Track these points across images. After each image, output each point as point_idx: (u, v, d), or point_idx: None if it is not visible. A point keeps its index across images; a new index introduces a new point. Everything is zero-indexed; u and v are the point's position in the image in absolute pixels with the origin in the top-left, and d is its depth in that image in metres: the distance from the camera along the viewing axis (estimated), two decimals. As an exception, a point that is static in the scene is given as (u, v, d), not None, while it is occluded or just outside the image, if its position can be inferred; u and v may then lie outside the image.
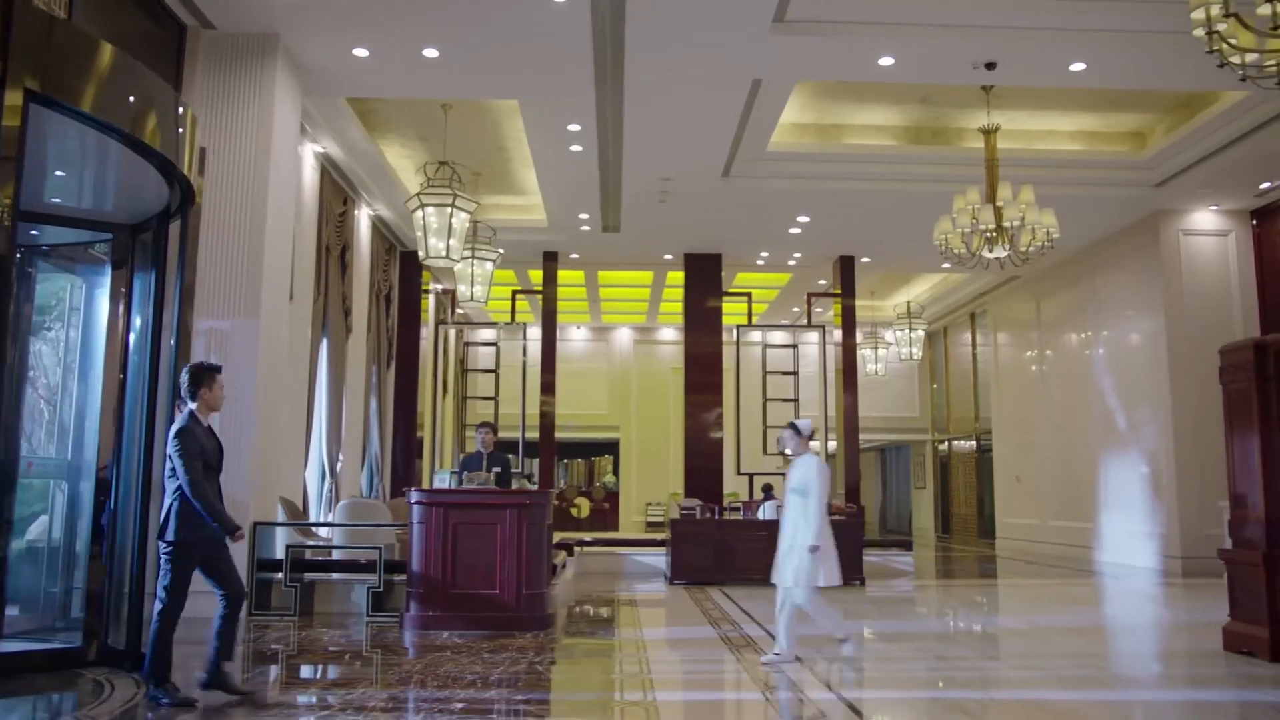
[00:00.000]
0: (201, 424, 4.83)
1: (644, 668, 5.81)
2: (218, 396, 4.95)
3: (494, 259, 12.42)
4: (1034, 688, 5.47)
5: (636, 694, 5.01)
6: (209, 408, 4.90)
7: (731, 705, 5.06)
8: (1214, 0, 5.26)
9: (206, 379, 4.89)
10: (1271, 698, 5.17)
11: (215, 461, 4.88)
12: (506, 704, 4.69)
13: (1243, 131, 10.39)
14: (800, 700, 4.90)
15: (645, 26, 8.09)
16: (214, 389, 4.91)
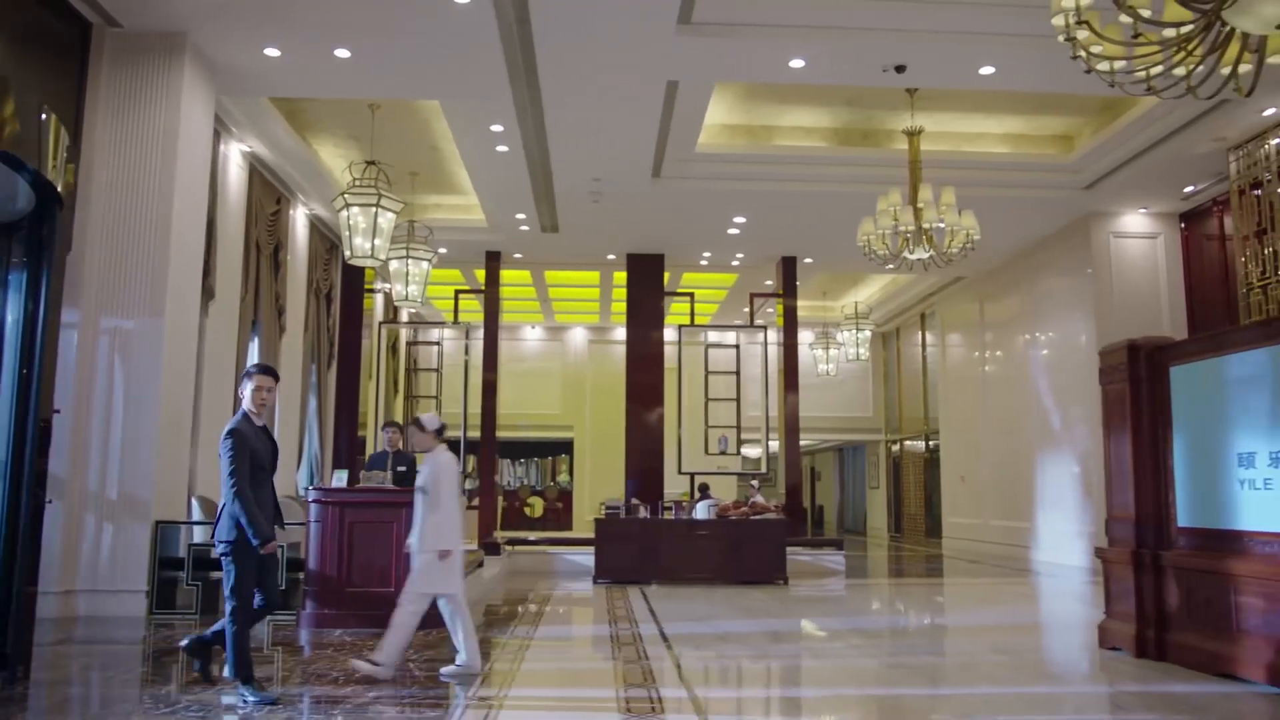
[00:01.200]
0: (254, 424, 4.77)
1: (516, 665, 5.85)
2: (255, 397, 4.83)
3: (430, 258, 12.44)
4: (884, 685, 5.56)
5: (492, 690, 5.06)
6: (256, 409, 4.81)
7: (583, 700, 5.11)
8: (1071, 8, 5.33)
9: (246, 382, 4.86)
10: (1116, 689, 5.27)
11: (266, 463, 4.81)
12: (354, 702, 4.74)
13: (1161, 135, 10.53)
14: (651, 697, 4.96)
15: (550, 28, 8.15)
16: (248, 389, 4.83)
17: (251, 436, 4.69)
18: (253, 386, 4.84)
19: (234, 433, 4.65)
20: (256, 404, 4.81)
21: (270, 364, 4.83)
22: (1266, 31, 5.20)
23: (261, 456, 4.73)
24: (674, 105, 9.86)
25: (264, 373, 4.92)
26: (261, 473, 4.71)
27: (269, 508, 4.77)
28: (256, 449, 4.69)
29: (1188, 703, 4.91)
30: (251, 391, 4.82)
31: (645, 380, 14.44)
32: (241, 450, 4.61)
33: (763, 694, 5.59)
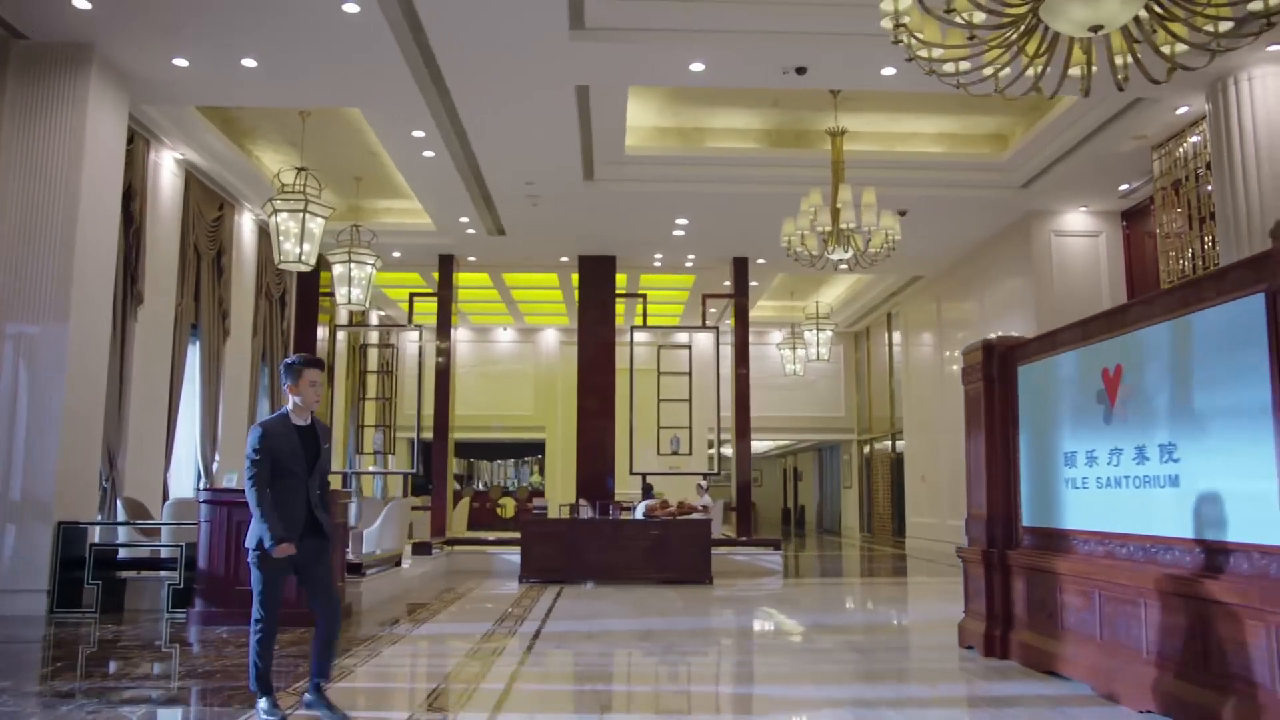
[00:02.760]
0: (291, 422, 4.39)
1: (362, 660, 5.97)
2: (307, 393, 4.41)
3: (373, 262, 12.61)
4: (700, 683, 5.63)
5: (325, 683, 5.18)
6: (302, 406, 4.41)
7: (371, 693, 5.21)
8: (890, 11, 5.38)
9: (293, 373, 4.43)
10: (939, 690, 5.32)
11: (298, 464, 4.35)
12: (203, 690, 4.88)
13: (1085, 134, 10.52)
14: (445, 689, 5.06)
15: (445, 38, 8.28)
16: (300, 384, 4.39)
17: (279, 436, 4.33)
18: (300, 381, 4.40)
19: (256, 429, 4.35)
20: (309, 400, 4.40)
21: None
22: (1079, 34, 5.27)
23: (286, 456, 4.32)
24: (590, 109, 9.96)
25: (312, 365, 4.44)
26: (290, 477, 4.32)
27: (294, 513, 4.35)
28: (281, 449, 4.31)
29: (997, 700, 4.96)
30: (303, 386, 4.39)
31: (597, 381, 14.54)
32: (259, 449, 4.28)
33: (568, 688, 5.66)
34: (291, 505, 4.33)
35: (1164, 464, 4.49)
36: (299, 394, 4.40)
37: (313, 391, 4.41)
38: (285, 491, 4.31)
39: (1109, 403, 5.00)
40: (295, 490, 4.34)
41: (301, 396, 4.40)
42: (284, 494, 4.31)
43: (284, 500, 4.30)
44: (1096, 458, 5.10)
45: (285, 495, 4.31)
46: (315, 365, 4.46)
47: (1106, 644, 4.88)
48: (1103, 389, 5.06)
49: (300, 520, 4.36)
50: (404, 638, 6.90)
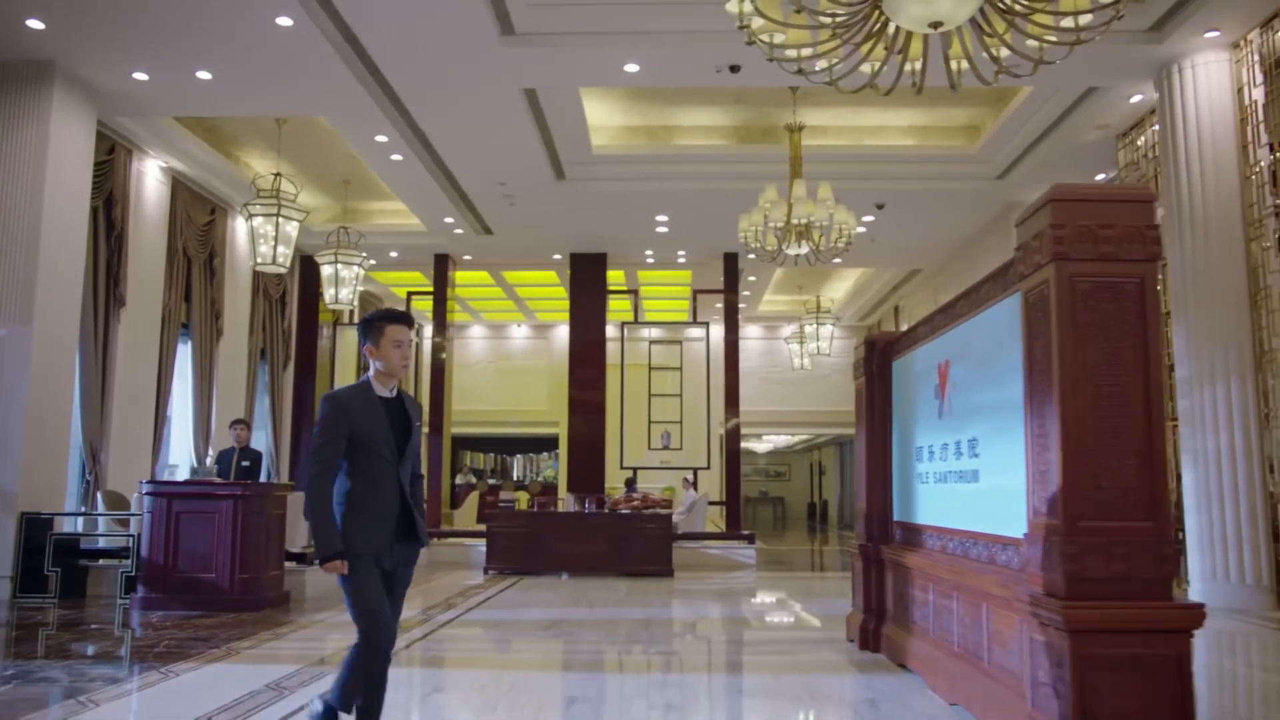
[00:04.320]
0: (374, 391, 3.46)
1: (257, 644, 6.27)
2: (391, 355, 3.50)
3: (359, 262, 13.01)
4: (573, 670, 5.80)
5: (176, 665, 5.47)
6: (382, 371, 3.49)
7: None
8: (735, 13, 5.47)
9: (372, 331, 3.51)
10: (783, 679, 5.41)
11: (387, 445, 3.39)
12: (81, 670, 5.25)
13: (1048, 123, 10.38)
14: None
15: (381, 46, 8.56)
16: (383, 344, 3.48)
17: (359, 410, 3.39)
18: (382, 340, 3.49)
19: (325, 399, 3.43)
20: (394, 365, 3.50)
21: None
22: (919, 30, 5.31)
23: (371, 439, 3.36)
24: (543, 111, 10.17)
25: (396, 320, 3.55)
26: (377, 462, 3.36)
27: (384, 511, 3.39)
28: (363, 427, 3.35)
29: (825, 695, 5.05)
30: (386, 347, 3.49)
31: (587, 376, 14.76)
32: (333, 426, 3.33)
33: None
34: (380, 501, 3.38)
35: (970, 459, 4.53)
36: (381, 357, 3.47)
37: (398, 353, 3.50)
38: (371, 483, 3.35)
39: (941, 397, 5.04)
40: (384, 480, 3.38)
41: (384, 360, 3.47)
42: (369, 486, 3.35)
43: (369, 495, 3.35)
44: (934, 452, 5.15)
45: (371, 488, 3.35)
46: (400, 321, 3.55)
47: (935, 638, 4.93)
48: (938, 384, 5.10)
49: (392, 520, 3.40)
50: (316, 624, 7.20)
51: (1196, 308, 8.36)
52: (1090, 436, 3.23)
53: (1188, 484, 8.38)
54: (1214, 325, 8.24)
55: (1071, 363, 3.26)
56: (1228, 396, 8.10)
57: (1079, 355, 3.26)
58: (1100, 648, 3.11)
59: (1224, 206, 8.33)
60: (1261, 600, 7.85)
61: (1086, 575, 3.18)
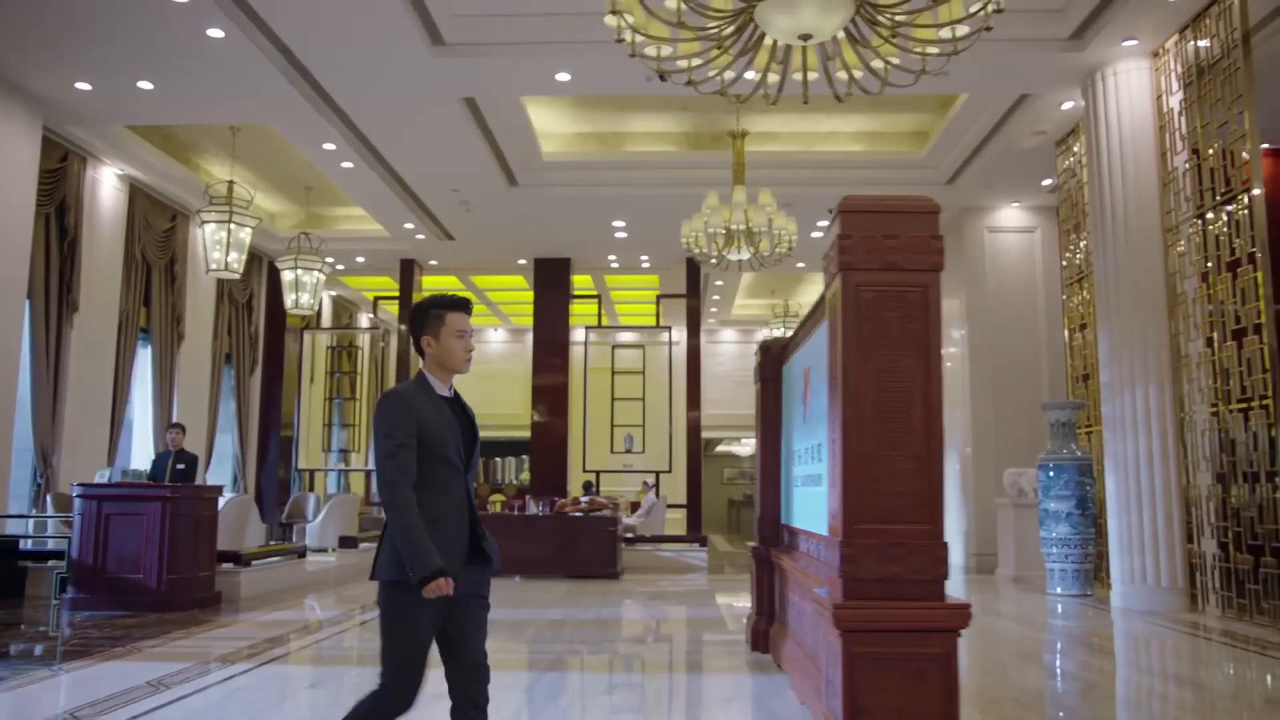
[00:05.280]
0: (434, 390, 2.97)
1: (165, 642, 6.41)
2: (454, 348, 2.99)
3: (320, 267, 13.18)
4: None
5: (72, 663, 5.62)
6: (443, 367, 3.00)
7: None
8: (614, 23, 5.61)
9: (431, 321, 3.01)
10: (647, 681, 5.52)
11: (455, 451, 2.92)
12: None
13: (988, 129, 10.47)
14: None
15: (315, 57, 8.71)
16: (443, 335, 2.98)
17: (427, 411, 2.89)
18: (443, 330, 2.99)
19: (388, 400, 2.91)
20: (457, 359, 3.00)
21: (462, 299, 3.12)
22: (790, 41, 5.44)
23: (442, 441, 2.89)
24: (486, 119, 10.30)
25: (457, 308, 3.04)
26: (446, 469, 2.89)
27: (455, 527, 2.89)
28: (432, 429, 2.86)
29: (692, 695, 5.16)
30: (447, 339, 2.99)
31: (551, 381, 14.90)
32: (404, 426, 2.82)
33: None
34: (450, 516, 2.88)
35: (818, 463, 4.64)
36: (443, 350, 2.99)
37: (462, 345, 3.01)
38: (438, 493, 2.87)
39: (805, 403, 5.15)
40: (453, 490, 2.91)
41: (447, 354, 2.99)
42: (436, 497, 2.86)
43: (434, 513, 2.83)
44: (801, 456, 5.26)
45: (439, 500, 2.86)
46: (462, 308, 3.05)
47: (797, 639, 5.04)
48: (803, 389, 5.21)
49: (464, 538, 2.92)
50: (236, 623, 7.34)
51: (1118, 314, 8.44)
52: (870, 442, 3.34)
53: (1110, 488, 8.47)
54: (1134, 331, 8.32)
55: (854, 370, 3.37)
56: (1146, 402, 8.18)
57: (862, 363, 3.37)
58: (870, 646, 3.21)
59: (1144, 213, 8.42)
60: (1176, 603, 7.93)
61: (862, 576, 3.29)
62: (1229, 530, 7.48)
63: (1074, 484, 9.30)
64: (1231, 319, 7.47)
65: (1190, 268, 8.03)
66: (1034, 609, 8.64)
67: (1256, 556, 7.16)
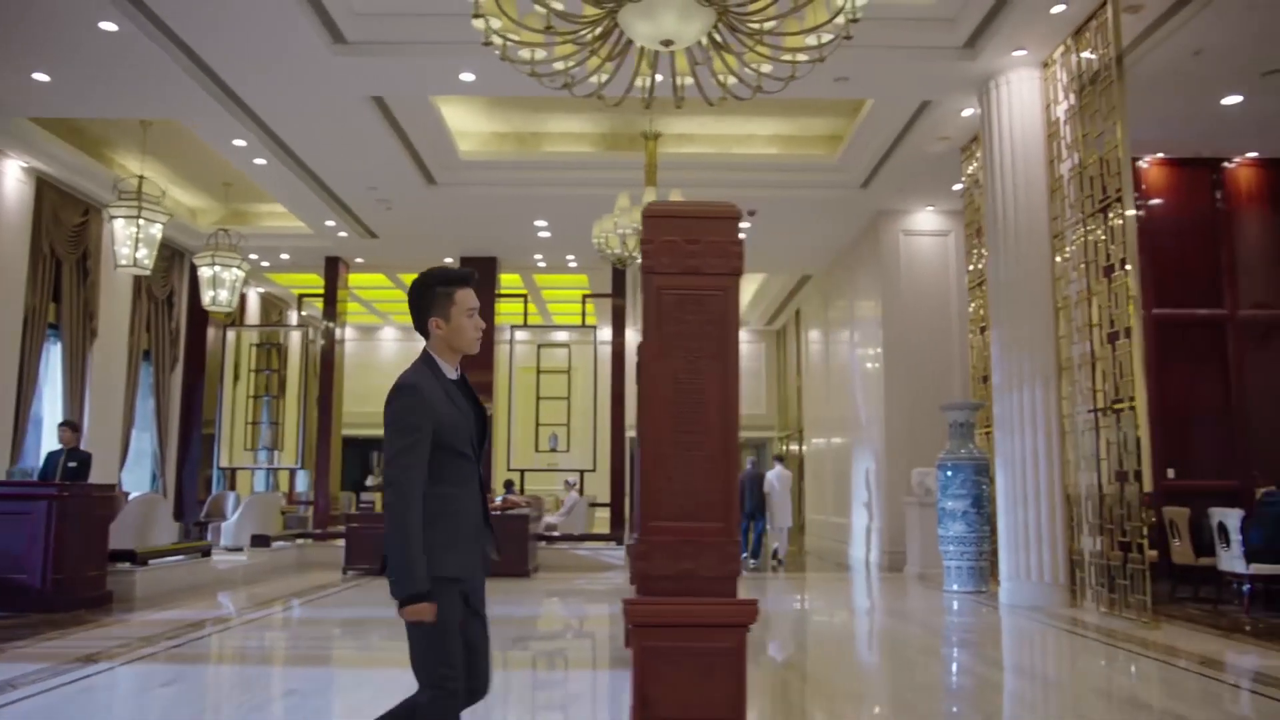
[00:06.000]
0: (445, 375, 2.79)
1: (35, 642, 6.36)
2: (465, 328, 2.82)
3: (238, 264, 13.06)
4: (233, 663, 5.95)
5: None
6: (453, 349, 2.83)
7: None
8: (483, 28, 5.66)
9: (440, 300, 2.81)
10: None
11: (467, 441, 2.76)
12: None
13: (895, 134, 10.63)
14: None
15: (215, 53, 8.64)
16: (453, 313, 2.80)
17: (438, 399, 2.71)
18: (452, 308, 2.80)
19: (403, 390, 2.67)
20: (468, 339, 2.83)
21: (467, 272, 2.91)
22: (653, 46, 5.53)
23: (456, 430, 2.72)
24: (397, 118, 10.28)
25: (467, 283, 2.86)
26: (460, 461, 2.74)
27: (470, 525, 2.77)
28: (447, 419, 2.70)
29: (541, 686, 5.23)
30: (458, 318, 2.81)
31: (476, 380, 14.81)
32: (418, 421, 2.63)
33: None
34: (469, 510, 2.76)
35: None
36: (453, 331, 2.81)
37: (473, 324, 2.84)
38: (457, 486, 2.72)
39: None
40: (470, 482, 2.77)
41: (458, 334, 2.81)
42: (456, 490, 2.72)
43: (454, 505, 2.70)
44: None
45: (458, 493, 2.73)
46: (469, 283, 2.87)
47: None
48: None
49: (484, 535, 2.84)
50: (119, 623, 7.28)
51: (1009, 317, 8.65)
52: (667, 442, 3.41)
53: (1000, 487, 8.67)
54: (1022, 334, 8.53)
55: (654, 371, 3.43)
56: (1033, 402, 8.38)
57: (662, 364, 3.43)
58: (660, 641, 3.28)
59: (1033, 219, 8.63)
60: (1058, 597, 8.14)
61: (654, 573, 3.36)
62: (1102, 527, 7.70)
63: (970, 483, 9.51)
64: (1108, 323, 7.69)
65: (1074, 273, 8.25)
66: (923, 606, 8.83)
67: (1125, 553, 7.38)
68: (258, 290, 17.29)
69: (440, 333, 2.80)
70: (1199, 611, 7.93)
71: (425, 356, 2.81)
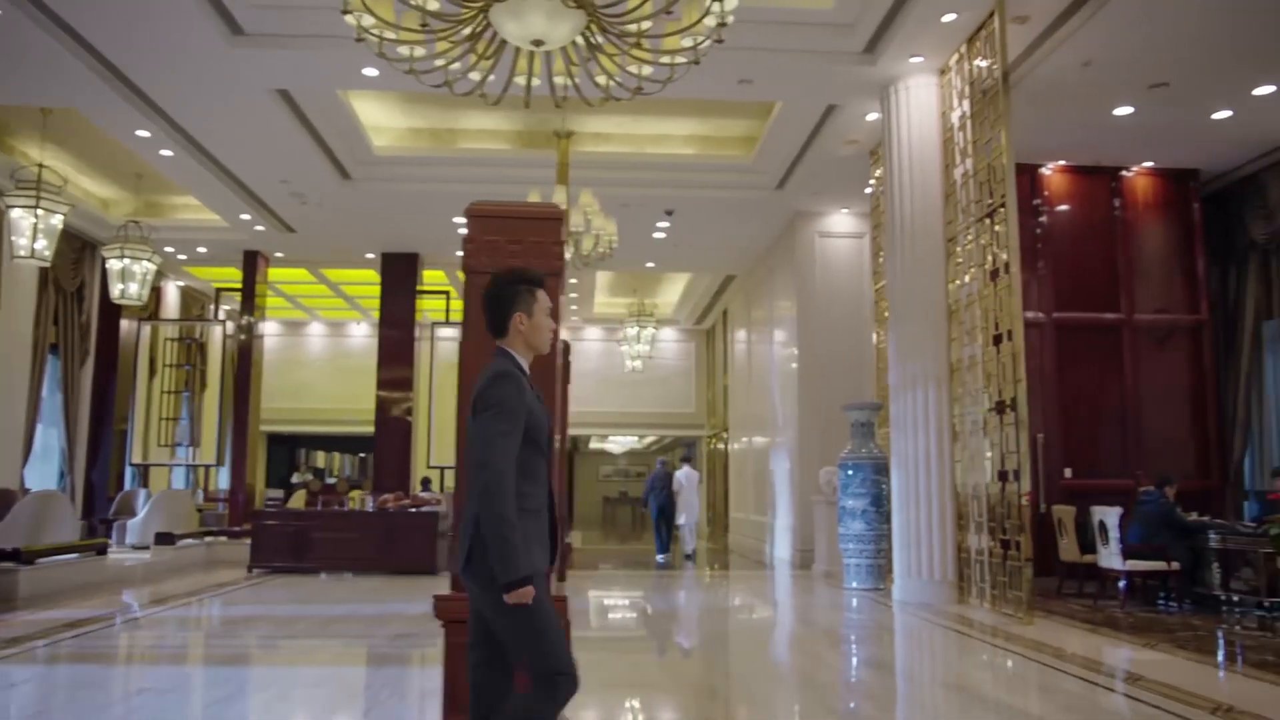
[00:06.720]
0: (526, 372, 2.83)
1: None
2: (544, 326, 2.89)
3: (149, 256, 12.82)
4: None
5: None
6: (530, 346, 2.88)
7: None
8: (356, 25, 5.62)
9: (524, 298, 2.86)
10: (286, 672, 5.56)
11: (547, 440, 2.84)
12: None
13: (804, 137, 10.75)
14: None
15: (107, 41, 8.46)
16: (536, 313, 2.86)
17: (531, 399, 2.76)
18: (536, 308, 2.87)
19: (503, 378, 2.71)
20: (544, 338, 2.89)
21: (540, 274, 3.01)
22: (525, 46, 5.54)
23: (542, 430, 2.79)
24: (305, 112, 10.16)
25: (543, 283, 2.94)
26: (539, 457, 2.77)
27: (546, 521, 2.81)
28: (537, 419, 2.76)
29: (373, 683, 5.23)
30: (539, 316, 2.87)
31: (395, 376, 14.81)
32: (517, 410, 2.67)
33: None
34: (544, 508, 2.80)
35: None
36: (534, 328, 2.87)
37: (549, 324, 2.91)
38: (536, 483, 2.75)
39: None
40: (543, 482, 2.80)
41: (538, 333, 2.87)
42: (535, 487, 2.75)
43: (534, 503, 2.73)
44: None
45: (538, 490, 2.76)
46: (543, 283, 2.94)
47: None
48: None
49: (547, 532, 2.82)
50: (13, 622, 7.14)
51: (905, 318, 8.80)
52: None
53: (895, 486, 8.82)
54: (917, 336, 8.68)
55: (473, 369, 3.46)
56: (926, 402, 8.54)
57: (480, 362, 3.46)
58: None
59: (929, 223, 8.79)
60: (947, 594, 8.30)
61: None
62: (985, 525, 7.88)
63: (870, 482, 9.66)
64: (993, 325, 7.87)
65: (966, 276, 8.42)
66: (817, 603, 8.96)
67: (1006, 550, 7.56)
68: (177, 284, 16.98)
69: (523, 329, 2.84)
70: (1080, 607, 8.14)
71: (505, 354, 2.83)
